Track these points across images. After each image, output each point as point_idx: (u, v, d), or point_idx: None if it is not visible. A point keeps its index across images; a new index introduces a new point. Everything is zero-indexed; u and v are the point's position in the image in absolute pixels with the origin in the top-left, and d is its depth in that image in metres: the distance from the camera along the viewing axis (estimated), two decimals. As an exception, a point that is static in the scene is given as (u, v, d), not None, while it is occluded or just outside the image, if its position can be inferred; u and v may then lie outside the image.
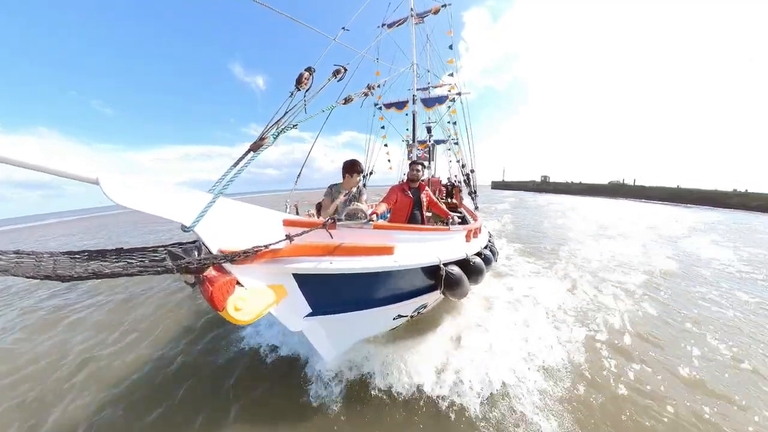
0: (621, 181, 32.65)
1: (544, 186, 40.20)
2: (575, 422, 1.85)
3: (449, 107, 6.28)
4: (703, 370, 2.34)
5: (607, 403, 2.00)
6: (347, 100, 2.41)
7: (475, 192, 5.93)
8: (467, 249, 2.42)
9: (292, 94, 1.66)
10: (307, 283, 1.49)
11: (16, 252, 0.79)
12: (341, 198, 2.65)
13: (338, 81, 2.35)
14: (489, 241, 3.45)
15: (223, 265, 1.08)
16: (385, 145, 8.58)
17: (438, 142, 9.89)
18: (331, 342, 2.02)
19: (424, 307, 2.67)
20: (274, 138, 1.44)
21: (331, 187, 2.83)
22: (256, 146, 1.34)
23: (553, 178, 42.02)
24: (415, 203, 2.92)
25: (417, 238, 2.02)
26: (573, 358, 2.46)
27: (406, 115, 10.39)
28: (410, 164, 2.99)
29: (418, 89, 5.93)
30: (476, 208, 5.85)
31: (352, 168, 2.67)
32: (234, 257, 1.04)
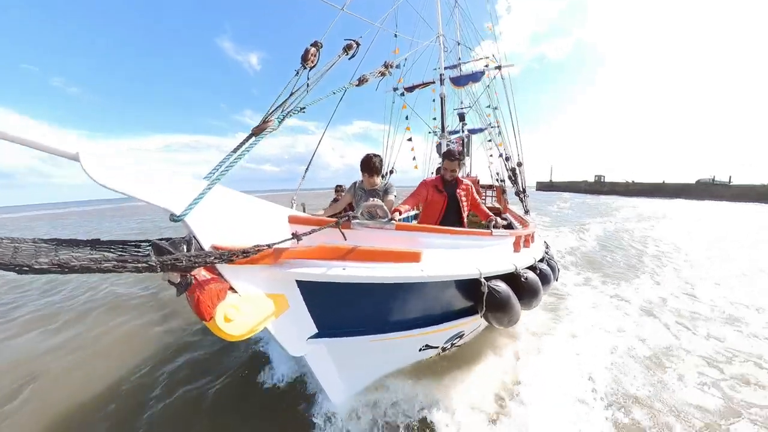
0: (711, 180, 34.50)
1: (598, 187, 44.38)
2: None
3: (487, 86, 6.26)
4: None
5: None
6: (361, 81, 2.54)
7: (524, 191, 5.70)
8: (516, 260, 2.35)
9: (297, 72, 1.80)
10: (313, 293, 1.50)
11: None
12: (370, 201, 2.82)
13: (350, 59, 2.49)
14: (546, 253, 3.31)
15: (216, 265, 1.13)
16: (409, 139, 8.67)
17: (473, 131, 9.84)
18: (340, 375, 2.02)
19: (460, 337, 2.62)
20: (279, 122, 1.56)
21: (354, 184, 2.97)
22: (259, 130, 1.46)
23: (609, 178, 46.16)
24: (450, 202, 2.85)
25: (450, 243, 1.99)
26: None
27: (433, 101, 10.54)
28: (444, 154, 2.93)
29: (446, 67, 6.02)
30: (527, 212, 5.65)
31: (368, 165, 2.73)
32: (230, 256, 1.06)
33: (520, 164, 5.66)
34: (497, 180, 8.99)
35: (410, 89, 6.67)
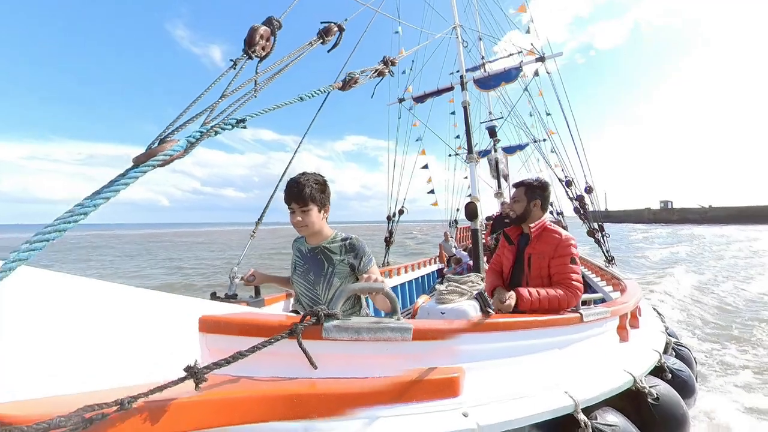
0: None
1: (665, 215, 49.52)
2: None
3: (526, 86, 5.92)
4: None
5: None
6: (347, 83, 2.18)
7: (601, 229, 4.93)
8: (629, 362, 1.86)
9: (234, 64, 1.40)
10: None
11: None
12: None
13: (329, 51, 2.17)
14: (667, 334, 2.71)
15: None
16: (425, 167, 8.40)
17: (510, 149, 9.59)
18: None
19: None
20: (189, 144, 1.07)
21: (294, 242, 2.10)
22: (147, 155, 0.96)
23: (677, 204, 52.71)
24: (516, 264, 2.28)
25: (510, 348, 1.51)
26: None
27: (453, 113, 10.39)
28: (516, 186, 2.39)
29: (467, 69, 5.82)
30: (610, 260, 4.82)
31: (293, 193, 1.75)
32: None
33: (589, 190, 4.99)
34: (556, 212, 8.51)
35: (421, 99, 6.42)
